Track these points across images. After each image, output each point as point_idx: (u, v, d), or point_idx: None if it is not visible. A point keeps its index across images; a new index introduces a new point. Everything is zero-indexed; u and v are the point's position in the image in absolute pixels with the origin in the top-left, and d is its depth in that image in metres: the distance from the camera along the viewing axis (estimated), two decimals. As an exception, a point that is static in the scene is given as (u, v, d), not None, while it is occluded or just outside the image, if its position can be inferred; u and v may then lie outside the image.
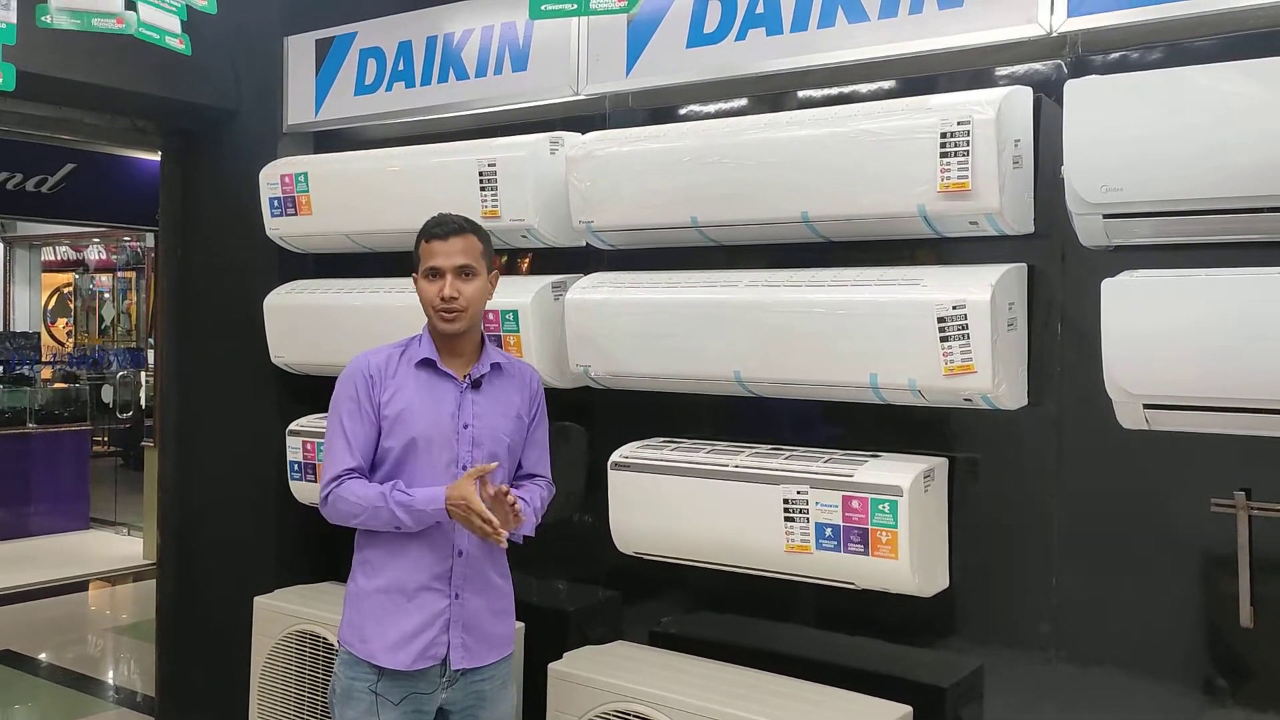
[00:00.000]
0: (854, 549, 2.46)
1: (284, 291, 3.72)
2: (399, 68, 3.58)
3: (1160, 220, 2.18)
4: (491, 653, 2.54)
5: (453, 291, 2.45)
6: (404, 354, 2.54)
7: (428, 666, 2.46)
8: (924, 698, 2.64)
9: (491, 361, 2.56)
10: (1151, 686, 2.40)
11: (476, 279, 2.50)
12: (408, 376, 2.51)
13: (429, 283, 2.49)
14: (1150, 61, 2.37)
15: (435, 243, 2.49)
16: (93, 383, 10.41)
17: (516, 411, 2.58)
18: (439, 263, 2.47)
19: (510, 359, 2.68)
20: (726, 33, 2.88)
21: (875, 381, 2.48)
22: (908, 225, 2.50)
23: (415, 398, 2.49)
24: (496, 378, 2.57)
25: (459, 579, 2.48)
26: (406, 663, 2.44)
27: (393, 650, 2.44)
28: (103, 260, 13.30)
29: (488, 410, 2.52)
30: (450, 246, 2.47)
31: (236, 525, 4.05)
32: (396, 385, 2.50)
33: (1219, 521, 2.26)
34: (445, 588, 2.47)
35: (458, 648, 2.47)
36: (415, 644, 2.44)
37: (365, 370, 2.52)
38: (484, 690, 2.54)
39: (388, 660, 2.44)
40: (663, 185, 2.79)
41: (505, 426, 2.54)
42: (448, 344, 2.53)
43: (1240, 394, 2.06)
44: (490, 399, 2.54)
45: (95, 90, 3.69)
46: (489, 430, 2.51)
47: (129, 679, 5.50)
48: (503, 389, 2.57)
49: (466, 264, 2.48)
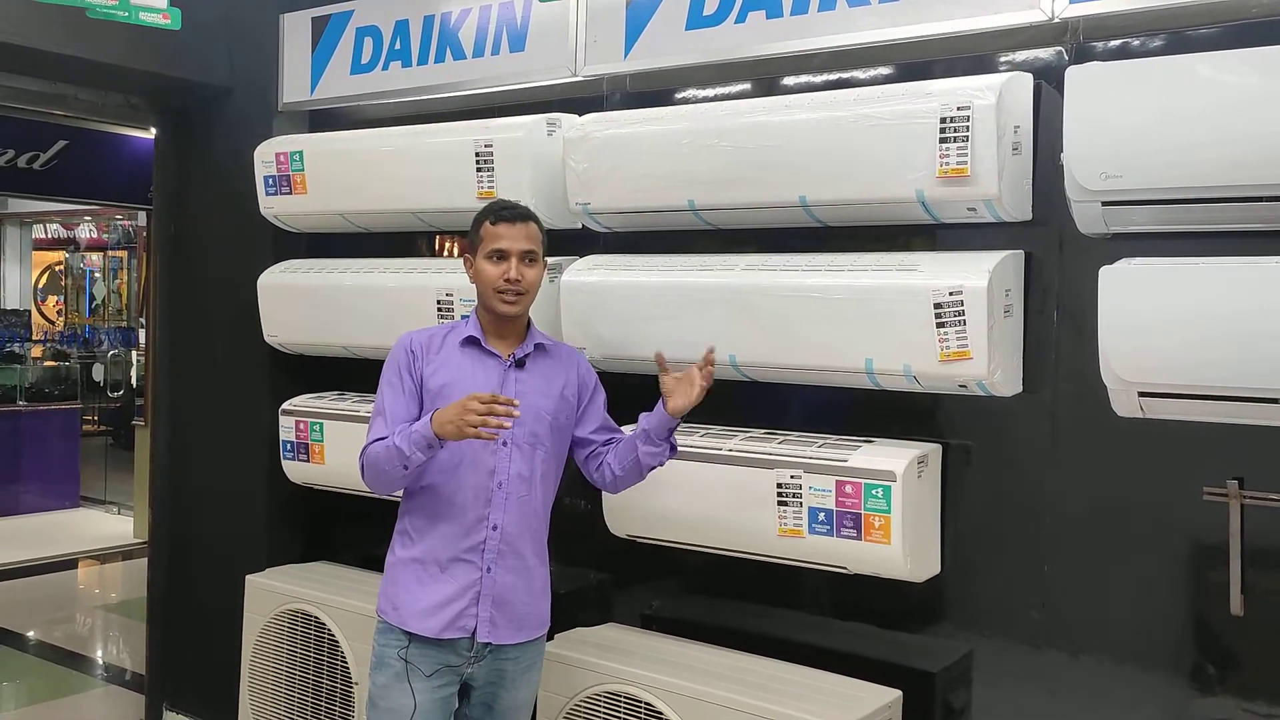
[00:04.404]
0: (847, 534, 2.47)
1: (278, 271, 3.70)
2: (396, 47, 3.56)
3: (1159, 208, 2.18)
4: (520, 633, 2.53)
5: (518, 274, 2.49)
6: (450, 333, 2.59)
7: (457, 637, 2.47)
8: (914, 682, 2.65)
9: (535, 342, 2.59)
10: (1141, 673, 2.41)
11: (538, 265, 2.54)
12: (452, 353, 2.55)
13: (492, 264, 2.51)
14: (1151, 49, 2.36)
15: (503, 225, 2.52)
16: (83, 361, 10.39)
17: (561, 391, 2.58)
18: (506, 245, 2.50)
19: (554, 341, 2.69)
20: (726, 15, 2.86)
21: (871, 367, 2.48)
22: (906, 211, 2.50)
23: (458, 373, 2.52)
24: (541, 358, 2.59)
25: (492, 553, 2.49)
26: (436, 630, 2.46)
27: (423, 617, 2.47)
28: (94, 238, 13.23)
29: (531, 389, 2.54)
30: (517, 231, 2.51)
31: (228, 504, 4.05)
32: (440, 361, 2.54)
33: (1211, 510, 2.27)
34: (478, 560, 2.48)
35: (485, 621, 2.48)
36: (445, 612, 2.46)
37: (408, 346, 2.57)
38: (507, 670, 2.53)
39: (418, 626, 2.47)
40: (660, 168, 2.78)
41: (548, 405, 2.55)
42: (497, 326, 2.56)
43: (1235, 383, 2.07)
44: (534, 377, 2.56)
45: (88, 65, 3.66)
46: (530, 408, 2.51)
47: (118, 657, 5.50)
48: (548, 369, 2.59)
49: (531, 249, 2.52)
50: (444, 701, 2.49)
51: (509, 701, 2.56)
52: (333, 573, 3.64)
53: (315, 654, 3.34)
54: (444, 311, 3.15)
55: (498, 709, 2.56)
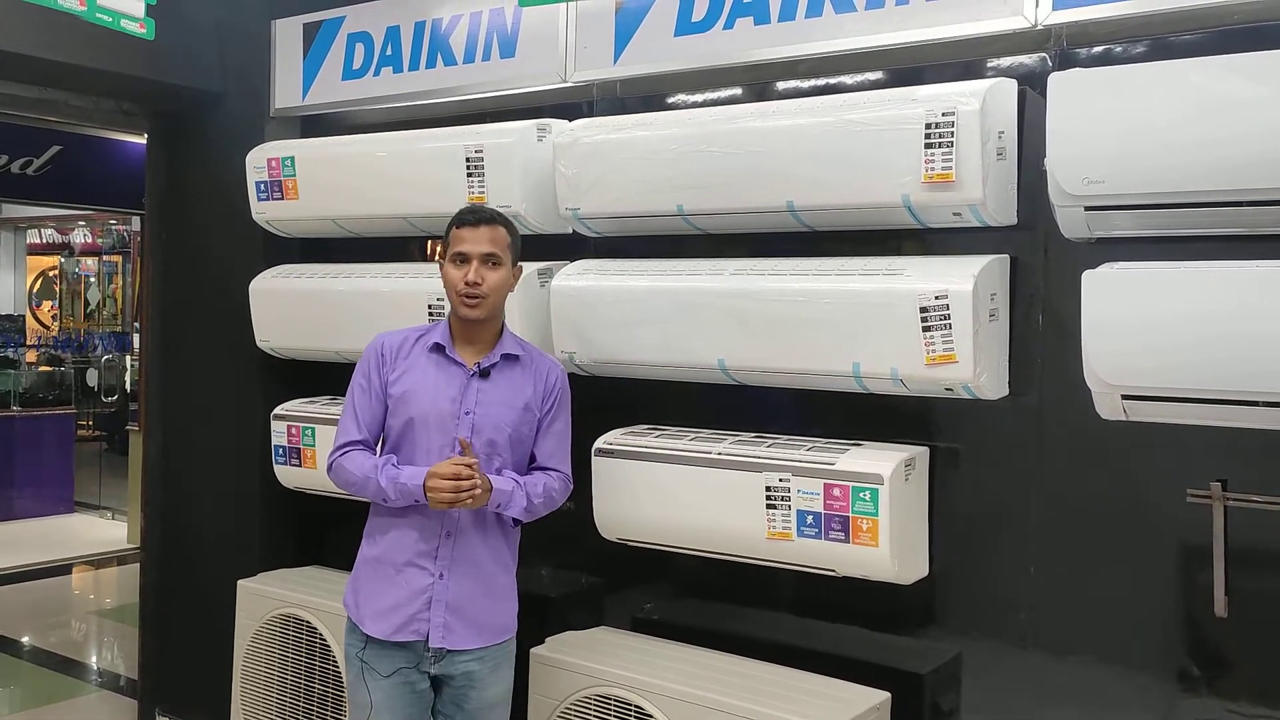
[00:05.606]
0: (835, 536, 2.48)
1: (270, 276, 3.71)
2: (387, 53, 3.58)
3: (1141, 213, 2.20)
4: (479, 637, 2.55)
5: (476, 277, 2.51)
6: (421, 337, 2.62)
7: (411, 640, 2.51)
8: (902, 684, 2.67)
9: (505, 352, 2.60)
10: (1127, 675, 2.42)
11: (501, 269, 2.56)
12: (419, 359, 2.59)
13: (455, 268, 2.55)
14: (1134, 55, 2.38)
15: (465, 229, 2.55)
16: (78, 366, 10.39)
17: (525, 403, 2.60)
18: (466, 249, 2.53)
19: (532, 351, 2.69)
20: (714, 21, 2.88)
21: (858, 370, 2.50)
22: (892, 215, 2.51)
23: (420, 380, 2.56)
24: (509, 368, 2.60)
25: (445, 559, 2.52)
26: (388, 632, 2.51)
27: (376, 619, 2.53)
28: (88, 243, 13.23)
29: (492, 399, 2.56)
30: (479, 234, 2.54)
31: (221, 509, 4.05)
32: (407, 366, 2.58)
33: (1195, 512, 2.28)
34: (431, 566, 2.52)
35: (438, 626, 2.51)
36: (397, 616, 2.51)
37: (379, 349, 2.62)
38: (473, 671, 2.56)
39: (372, 628, 2.53)
40: (649, 173, 2.79)
41: (508, 416, 2.57)
42: (466, 331, 2.58)
43: (1217, 385, 2.08)
44: (497, 388, 2.57)
45: (80, 71, 3.67)
46: (489, 419, 2.54)
47: (112, 662, 5.50)
48: (513, 379, 2.60)
49: (493, 252, 2.54)
50: (406, 697, 2.53)
51: (479, 701, 2.58)
52: (325, 577, 3.65)
53: (307, 658, 3.34)
54: (435, 317, 3.15)
55: (468, 708, 2.58)
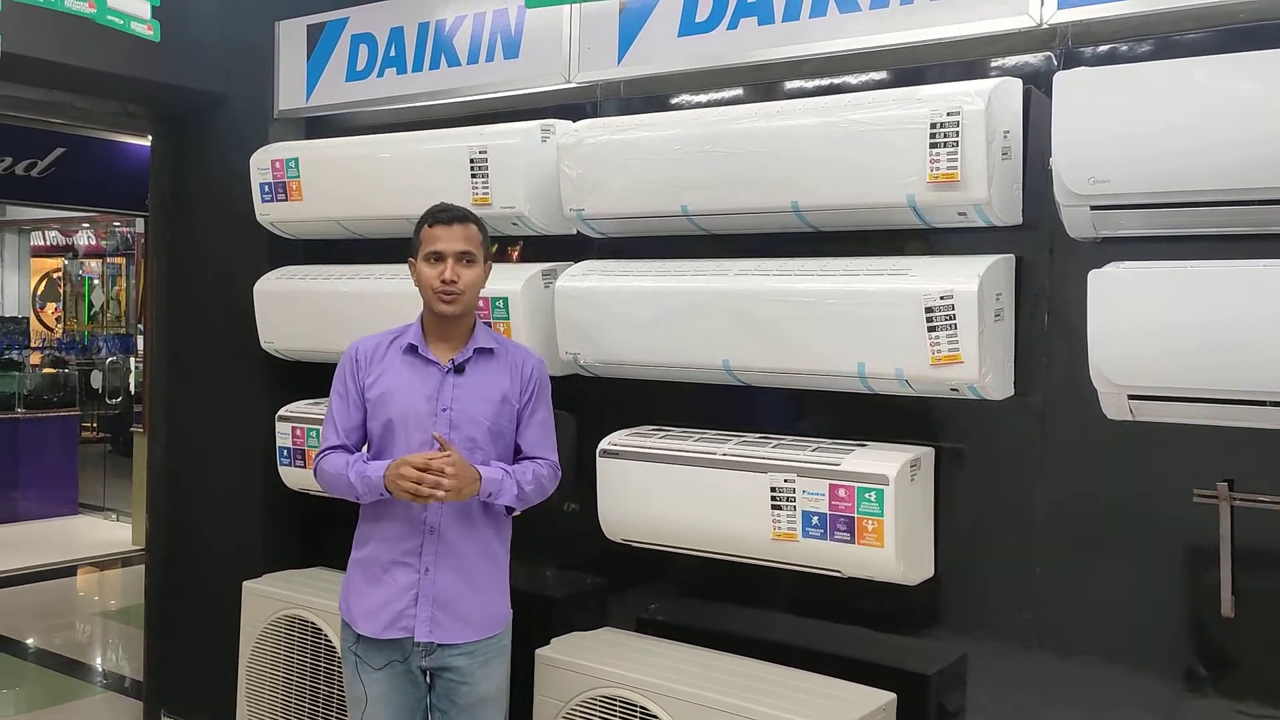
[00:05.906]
0: (840, 537, 2.48)
1: (274, 277, 3.71)
2: (391, 54, 3.58)
3: (1147, 212, 2.20)
4: (466, 631, 2.57)
5: (453, 275, 2.55)
6: (395, 340, 2.66)
7: (399, 637, 2.56)
8: (908, 685, 2.66)
9: (478, 346, 2.62)
10: (1133, 675, 2.42)
11: (475, 266, 2.60)
12: (394, 361, 2.63)
13: (429, 266, 2.58)
14: (1140, 54, 2.37)
15: (439, 228, 2.59)
16: (82, 368, 10.40)
17: (502, 395, 2.61)
18: (441, 247, 2.56)
19: (506, 344, 2.72)
20: (718, 22, 2.88)
21: (863, 371, 2.49)
22: (897, 215, 2.51)
23: (396, 381, 2.60)
24: (483, 361, 2.62)
25: (429, 555, 2.56)
26: (377, 630, 2.56)
27: (366, 617, 2.59)
28: (92, 245, 13.24)
29: (468, 394, 2.58)
30: (453, 233, 2.57)
31: (225, 510, 4.06)
32: (382, 369, 2.62)
33: (1201, 512, 2.28)
34: (415, 562, 2.56)
35: (425, 621, 2.55)
36: (384, 614, 2.56)
37: (354, 355, 2.67)
38: (463, 665, 2.58)
39: (363, 627, 2.58)
40: (653, 173, 2.79)
41: (485, 410, 2.59)
42: (439, 329, 2.61)
43: (1224, 385, 2.08)
44: (473, 382, 2.60)
45: (84, 73, 3.68)
46: (467, 414, 2.58)
47: (117, 664, 5.50)
48: (488, 373, 2.62)
49: (467, 250, 2.58)
50: (400, 690, 2.58)
51: (471, 696, 2.59)
52: (329, 578, 3.64)
53: (312, 659, 3.34)
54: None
55: (461, 703, 2.60)
